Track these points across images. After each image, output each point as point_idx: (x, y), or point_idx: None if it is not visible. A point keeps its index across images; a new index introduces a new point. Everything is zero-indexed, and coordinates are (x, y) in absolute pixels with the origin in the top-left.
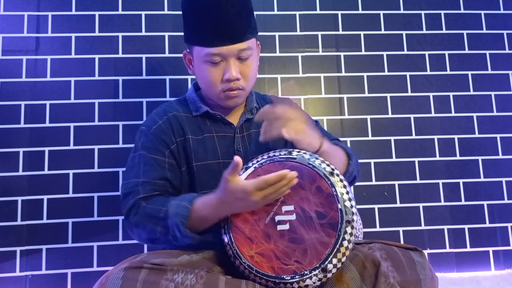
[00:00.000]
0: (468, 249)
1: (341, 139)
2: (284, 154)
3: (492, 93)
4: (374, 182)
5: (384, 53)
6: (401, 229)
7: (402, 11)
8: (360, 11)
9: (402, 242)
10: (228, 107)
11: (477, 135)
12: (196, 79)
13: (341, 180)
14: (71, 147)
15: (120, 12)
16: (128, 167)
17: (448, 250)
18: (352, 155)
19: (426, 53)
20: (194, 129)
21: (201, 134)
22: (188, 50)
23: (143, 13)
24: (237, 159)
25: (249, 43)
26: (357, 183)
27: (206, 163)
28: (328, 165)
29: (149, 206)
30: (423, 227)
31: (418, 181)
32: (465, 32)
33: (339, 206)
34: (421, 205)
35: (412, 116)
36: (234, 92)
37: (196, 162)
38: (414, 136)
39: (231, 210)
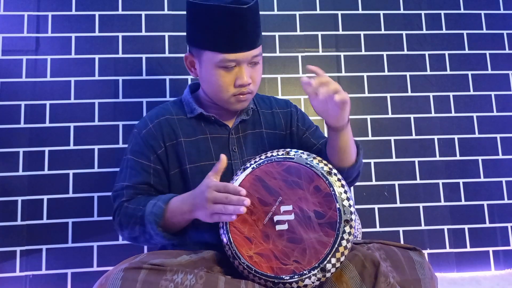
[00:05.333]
0: (468, 249)
1: None
2: (282, 154)
3: (492, 93)
4: (374, 182)
5: (384, 53)
6: (401, 229)
7: (402, 11)
8: (360, 11)
9: (402, 242)
10: (235, 110)
11: (477, 135)
12: (202, 83)
13: (339, 180)
14: (71, 147)
15: (120, 12)
16: (119, 170)
17: (448, 250)
18: (358, 143)
19: (426, 53)
20: (188, 131)
21: (194, 136)
22: (190, 53)
23: (143, 13)
24: (223, 157)
25: (260, 49)
26: (357, 183)
27: (200, 164)
28: (325, 165)
29: (130, 206)
30: (423, 227)
31: (418, 181)
32: (465, 32)
33: (338, 206)
34: (421, 205)
35: (412, 116)
36: (244, 96)
37: (190, 164)
38: (414, 136)
39: (192, 203)
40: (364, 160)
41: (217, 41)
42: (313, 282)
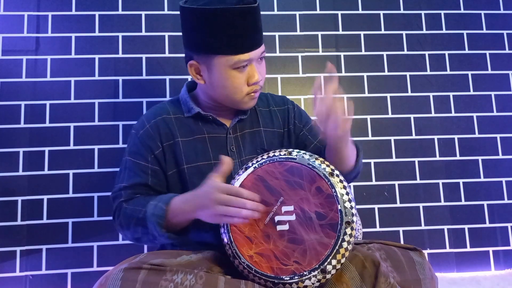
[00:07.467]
0: (468, 249)
1: None
2: (284, 155)
3: (492, 93)
4: (374, 182)
5: (384, 53)
6: (401, 229)
7: (402, 11)
8: (360, 11)
9: (402, 242)
10: (248, 108)
11: (477, 135)
12: (211, 88)
13: (341, 181)
14: (71, 147)
15: (120, 12)
16: (119, 171)
17: (448, 250)
18: (358, 145)
19: (426, 53)
20: (185, 131)
21: (191, 135)
22: (195, 60)
23: (143, 13)
24: (224, 158)
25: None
26: (357, 183)
27: (197, 165)
28: (328, 166)
29: (129, 207)
30: (423, 227)
31: (418, 181)
32: (465, 32)
33: (339, 207)
34: (421, 205)
35: (412, 116)
36: (256, 93)
37: (187, 164)
38: (414, 136)
39: (195, 203)
40: (364, 160)
41: (231, 43)
42: (313, 283)
